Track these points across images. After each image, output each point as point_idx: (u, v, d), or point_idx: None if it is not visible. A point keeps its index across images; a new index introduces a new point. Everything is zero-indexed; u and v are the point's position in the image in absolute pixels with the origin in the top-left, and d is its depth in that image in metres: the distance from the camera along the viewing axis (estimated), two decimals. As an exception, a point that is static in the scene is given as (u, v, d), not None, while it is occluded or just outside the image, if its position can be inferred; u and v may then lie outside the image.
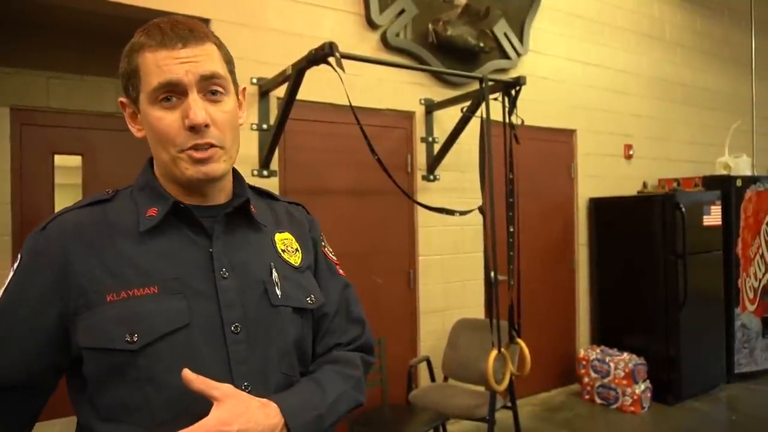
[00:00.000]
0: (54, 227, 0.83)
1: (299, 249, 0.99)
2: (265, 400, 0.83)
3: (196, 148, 0.82)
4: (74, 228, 0.83)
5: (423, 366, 3.38)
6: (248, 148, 2.95)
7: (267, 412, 0.81)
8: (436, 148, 3.59)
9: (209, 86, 0.83)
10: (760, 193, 4.61)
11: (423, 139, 3.60)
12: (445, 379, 3.34)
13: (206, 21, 2.84)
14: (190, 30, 0.84)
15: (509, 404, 3.04)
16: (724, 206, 4.38)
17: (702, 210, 4.20)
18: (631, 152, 4.84)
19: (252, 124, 2.95)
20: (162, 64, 0.81)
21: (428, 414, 2.86)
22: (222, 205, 0.91)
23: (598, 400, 4.04)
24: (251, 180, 2.89)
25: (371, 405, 3.00)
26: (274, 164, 3.00)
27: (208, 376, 0.78)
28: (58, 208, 2.95)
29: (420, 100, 3.59)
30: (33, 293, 0.80)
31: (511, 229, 3.07)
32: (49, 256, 0.81)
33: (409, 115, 3.58)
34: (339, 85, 2.38)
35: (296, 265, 0.97)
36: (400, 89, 3.49)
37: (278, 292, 0.91)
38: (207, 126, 0.82)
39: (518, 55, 4.01)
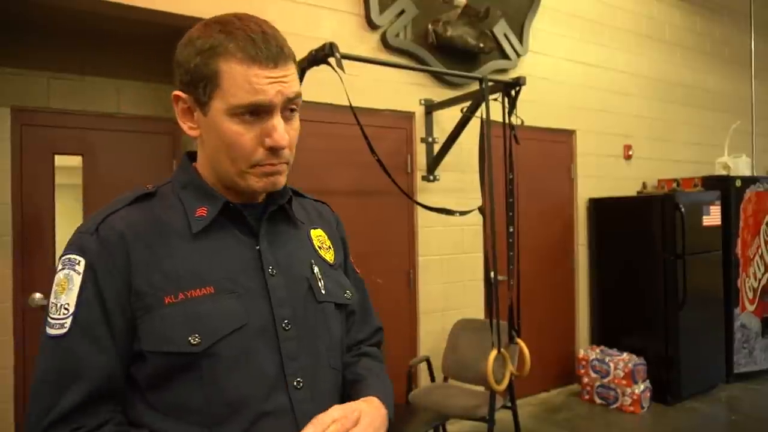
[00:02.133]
0: (108, 228, 0.81)
1: (331, 246, 1.01)
2: (367, 397, 0.89)
3: (270, 165, 0.83)
4: (129, 229, 0.81)
5: (423, 366, 3.39)
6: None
7: (375, 405, 0.88)
8: (436, 148, 3.60)
9: (290, 105, 0.84)
10: (759, 194, 4.62)
11: (423, 140, 3.61)
12: (445, 379, 3.34)
13: (206, 21, 2.84)
14: (281, 48, 0.81)
15: (509, 404, 3.04)
16: (724, 206, 4.39)
17: (701, 210, 4.21)
18: (630, 153, 4.85)
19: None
20: (254, 81, 0.78)
21: (428, 414, 2.86)
22: (261, 203, 0.92)
23: (598, 400, 4.04)
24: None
25: (371, 405, 3.00)
26: (274, 164, 3.00)
27: (263, 373, 0.81)
28: (58, 209, 2.97)
29: (420, 100, 3.60)
30: (111, 295, 0.78)
31: (511, 230, 3.07)
32: (113, 259, 0.79)
33: (408, 116, 3.59)
34: (339, 85, 2.38)
35: (331, 262, 0.99)
36: (400, 90, 3.49)
37: (322, 288, 0.92)
38: (284, 148, 0.83)
39: (518, 55, 4.02)
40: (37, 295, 2.91)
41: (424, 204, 3.13)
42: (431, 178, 3.62)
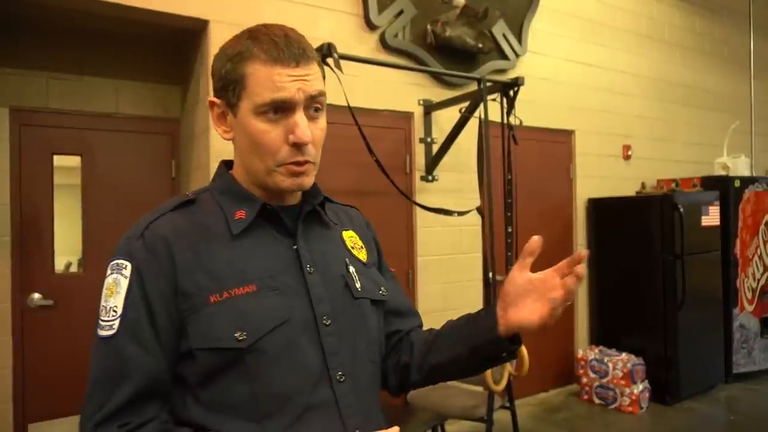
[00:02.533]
0: (153, 233, 0.84)
1: (364, 246, 1.05)
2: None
3: (296, 163, 0.86)
4: (173, 234, 0.85)
5: (421, 366, 3.38)
6: (247, 148, 2.95)
7: None
8: (435, 148, 3.60)
9: (313, 104, 0.87)
10: (758, 194, 4.62)
11: (421, 140, 3.61)
12: (444, 379, 3.34)
13: (205, 22, 2.85)
14: (303, 50, 0.86)
15: (508, 404, 3.04)
16: (723, 207, 4.39)
17: (700, 210, 4.21)
18: (629, 153, 4.85)
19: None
20: (276, 80, 0.83)
21: (427, 414, 2.86)
22: (296, 205, 0.96)
23: (597, 401, 4.04)
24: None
25: (370, 405, 3.00)
26: (273, 165, 3.00)
27: (307, 368, 0.84)
28: (57, 209, 2.98)
29: (418, 100, 3.60)
30: (157, 298, 0.82)
31: (510, 230, 3.08)
32: (158, 263, 0.82)
33: (407, 116, 3.59)
34: (337, 85, 2.38)
35: (364, 261, 1.02)
36: (398, 90, 3.49)
37: (358, 285, 0.96)
38: (307, 144, 0.86)
39: (517, 55, 4.02)
40: (36, 296, 2.91)
41: (422, 204, 3.13)
42: (430, 178, 3.62)
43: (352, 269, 0.97)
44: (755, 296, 4.59)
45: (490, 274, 2.81)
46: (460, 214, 3.07)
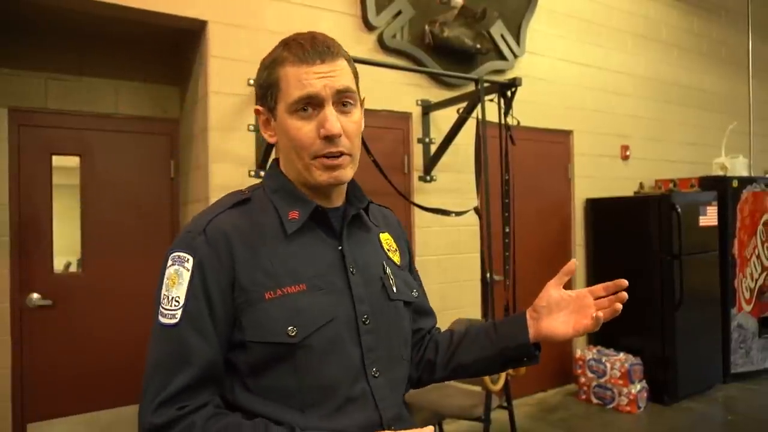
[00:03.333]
0: (215, 229, 0.89)
1: (398, 249, 1.11)
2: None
3: (329, 156, 0.90)
4: (233, 231, 0.90)
5: (420, 366, 3.39)
6: (245, 149, 2.96)
7: None
8: (433, 148, 3.60)
9: (342, 99, 0.92)
10: (756, 194, 4.63)
11: (419, 140, 3.62)
12: (442, 379, 3.34)
13: (204, 23, 2.86)
14: (328, 47, 0.92)
15: (505, 404, 3.05)
16: (721, 207, 4.40)
17: (698, 210, 4.22)
18: (627, 153, 4.86)
19: (249, 125, 2.96)
20: (303, 78, 0.89)
21: (424, 414, 2.87)
22: (341, 207, 1.00)
23: (595, 400, 4.05)
24: (248, 181, 2.91)
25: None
26: (271, 165, 3.00)
27: (348, 363, 0.91)
28: (56, 209, 2.98)
29: (416, 101, 3.61)
30: (216, 291, 0.86)
31: (507, 230, 3.08)
32: (218, 258, 0.87)
33: (405, 116, 3.60)
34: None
35: (398, 263, 1.08)
36: (396, 90, 3.50)
37: (393, 287, 1.01)
38: (340, 135, 0.90)
39: (515, 56, 4.03)
40: (35, 296, 2.92)
41: (420, 204, 3.14)
42: (428, 178, 3.63)
43: (389, 271, 1.02)
44: (753, 296, 4.60)
45: (488, 274, 2.82)
46: (458, 214, 3.08)
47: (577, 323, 0.99)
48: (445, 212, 3.05)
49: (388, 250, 1.07)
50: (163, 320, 0.86)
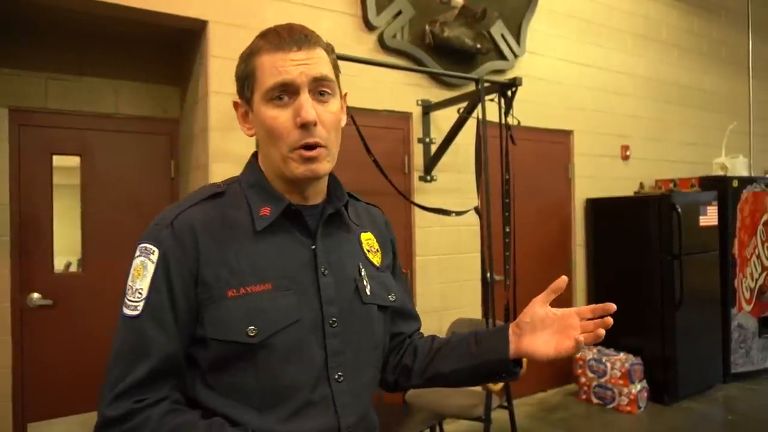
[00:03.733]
0: (182, 223, 0.88)
1: (379, 249, 1.07)
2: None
3: (306, 147, 0.88)
4: (201, 225, 0.88)
5: (420, 366, 3.39)
6: (246, 148, 2.95)
7: None
8: (433, 148, 3.60)
9: (318, 87, 0.89)
10: (756, 194, 4.63)
11: (420, 140, 3.62)
12: (442, 378, 3.34)
13: (204, 22, 2.86)
14: (305, 36, 0.90)
15: (505, 404, 3.05)
16: (721, 207, 4.40)
17: (698, 210, 4.22)
18: (627, 153, 4.86)
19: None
20: (278, 65, 0.87)
21: (424, 414, 2.87)
22: (319, 205, 0.98)
23: (595, 400, 4.05)
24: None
25: (368, 405, 3.01)
26: (272, 165, 3.01)
27: (311, 366, 0.89)
28: (56, 209, 2.98)
29: (417, 101, 3.61)
30: (178, 284, 0.86)
31: (508, 230, 3.08)
32: (183, 251, 0.86)
33: (406, 116, 3.60)
34: (335, 86, 2.39)
35: (377, 265, 1.04)
36: (397, 90, 3.50)
37: (368, 290, 0.98)
38: (315, 124, 0.88)
39: (515, 56, 4.03)
40: (35, 295, 2.92)
41: (421, 204, 3.14)
42: (428, 178, 3.63)
43: (364, 273, 0.99)
44: (753, 296, 4.60)
45: (488, 274, 2.82)
46: (458, 214, 3.08)
47: (559, 344, 0.95)
48: (445, 212, 3.05)
49: (368, 251, 1.04)
50: (126, 311, 0.86)
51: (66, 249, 3.07)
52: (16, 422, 2.84)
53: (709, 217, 4.29)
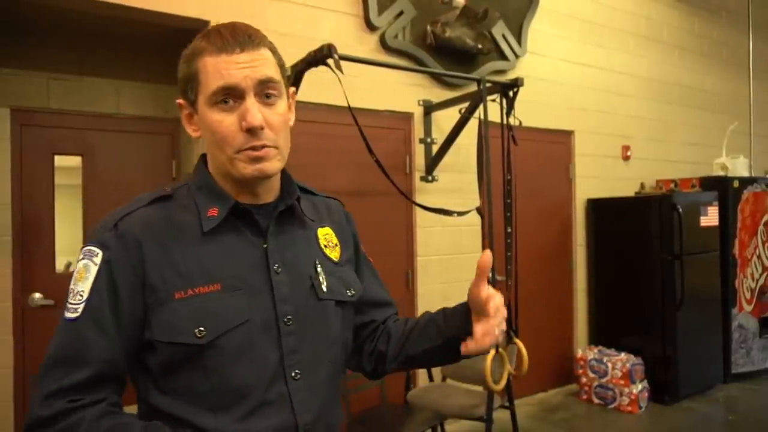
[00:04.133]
0: (126, 226, 0.87)
1: (338, 244, 1.05)
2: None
3: (252, 148, 0.86)
4: (146, 228, 0.87)
5: (421, 366, 3.39)
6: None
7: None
8: (435, 149, 3.60)
9: (264, 90, 0.88)
10: (757, 194, 4.63)
11: (421, 140, 3.62)
12: (444, 378, 3.35)
13: (205, 22, 2.85)
14: (249, 36, 0.88)
15: (507, 404, 3.05)
16: (722, 207, 4.40)
17: (699, 211, 4.22)
18: (628, 153, 4.86)
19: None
20: (222, 68, 0.85)
21: (426, 414, 2.87)
22: (272, 203, 0.96)
23: (596, 400, 4.05)
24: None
25: (369, 405, 3.01)
26: (273, 165, 3.00)
27: (264, 365, 0.88)
28: (58, 209, 2.98)
29: (418, 101, 3.61)
30: (123, 287, 0.84)
31: (509, 230, 3.08)
32: (128, 254, 0.85)
33: (407, 117, 3.60)
34: (338, 86, 2.39)
35: (336, 260, 1.03)
36: (398, 90, 3.50)
37: (324, 286, 0.97)
38: (262, 128, 0.86)
39: (516, 56, 4.03)
40: (37, 295, 2.92)
41: (422, 204, 3.13)
42: (429, 178, 3.63)
43: (320, 269, 0.98)
44: (754, 296, 4.61)
45: (490, 274, 2.82)
46: (460, 214, 3.07)
47: (484, 337, 0.93)
48: (447, 212, 3.05)
49: (326, 246, 1.02)
50: (66, 314, 0.84)
51: (67, 249, 3.07)
52: (17, 422, 2.84)
53: (710, 217, 4.29)
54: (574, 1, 4.51)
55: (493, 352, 2.74)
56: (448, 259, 3.74)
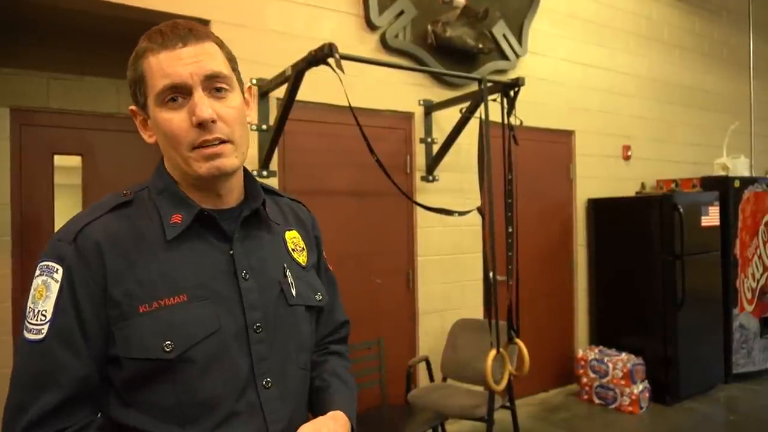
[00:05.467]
0: (86, 238, 0.82)
1: (305, 248, 1.03)
2: (331, 412, 0.93)
3: (205, 144, 0.83)
4: (107, 239, 0.83)
5: (422, 366, 3.39)
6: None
7: (341, 422, 0.92)
8: (435, 148, 3.60)
9: (213, 84, 0.85)
10: (758, 194, 4.62)
11: (422, 140, 3.61)
12: (444, 379, 3.34)
13: (206, 22, 2.85)
14: (190, 30, 0.85)
15: (508, 404, 3.05)
16: (723, 207, 4.40)
17: (700, 211, 4.21)
18: (629, 153, 4.86)
19: (251, 124, 2.95)
20: (165, 66, 0.82)
21: (427, 414, 2.87)
22: (236, 207, 0.93)
23: (597, 400, 4.05)
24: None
25: (370, 405, 3.01)
26: (274, 165, 3.00)
27: (235, 375, 0.85)
28: (58, 209, 2.97)
29: (419, 101, 3.60)
30: (87, 303, 0.81)
31: (510, 230, 3.07)
32: (89, 268, 0.81)
33: (408, 116, 3.59)
34: (338, 86, 2.39)
35: (303, 264, 1.00)
36: (399, 90, 3.50)
37: (293, 291, 0.94)
38: (214, 121, 0.83)
39: (517, 56, 4.02)
40: (37, 295, 2.91)
41: (423, 204, 3.13)
42: (430, 178, 3.62)
43: (289, 274, 0.95)
44: (755, 296, 4.60)
45: (491, 274, 2.81)
46: (461, 214, 3.07)
47: None
48: (448, 212, 3.04)
49: (293, 249, 0.99)
50: (28, 336, 0.79)
51: (67, 249, 3.06)
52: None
53: (711, 217, 4.29)
54: (574, 0, 4.50)
55: (494, 352, 2.74)
56: (448, 259, 3.73)
